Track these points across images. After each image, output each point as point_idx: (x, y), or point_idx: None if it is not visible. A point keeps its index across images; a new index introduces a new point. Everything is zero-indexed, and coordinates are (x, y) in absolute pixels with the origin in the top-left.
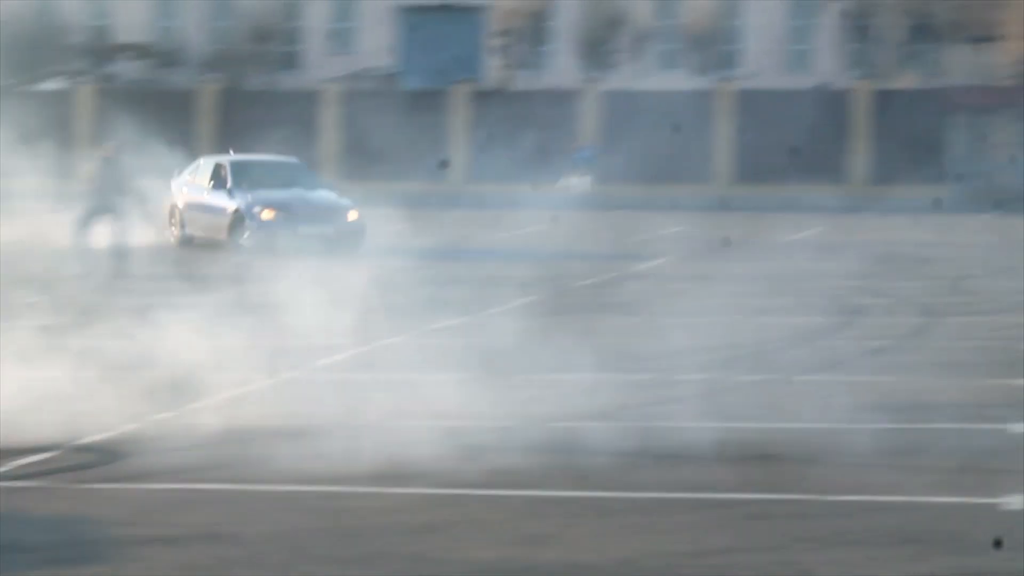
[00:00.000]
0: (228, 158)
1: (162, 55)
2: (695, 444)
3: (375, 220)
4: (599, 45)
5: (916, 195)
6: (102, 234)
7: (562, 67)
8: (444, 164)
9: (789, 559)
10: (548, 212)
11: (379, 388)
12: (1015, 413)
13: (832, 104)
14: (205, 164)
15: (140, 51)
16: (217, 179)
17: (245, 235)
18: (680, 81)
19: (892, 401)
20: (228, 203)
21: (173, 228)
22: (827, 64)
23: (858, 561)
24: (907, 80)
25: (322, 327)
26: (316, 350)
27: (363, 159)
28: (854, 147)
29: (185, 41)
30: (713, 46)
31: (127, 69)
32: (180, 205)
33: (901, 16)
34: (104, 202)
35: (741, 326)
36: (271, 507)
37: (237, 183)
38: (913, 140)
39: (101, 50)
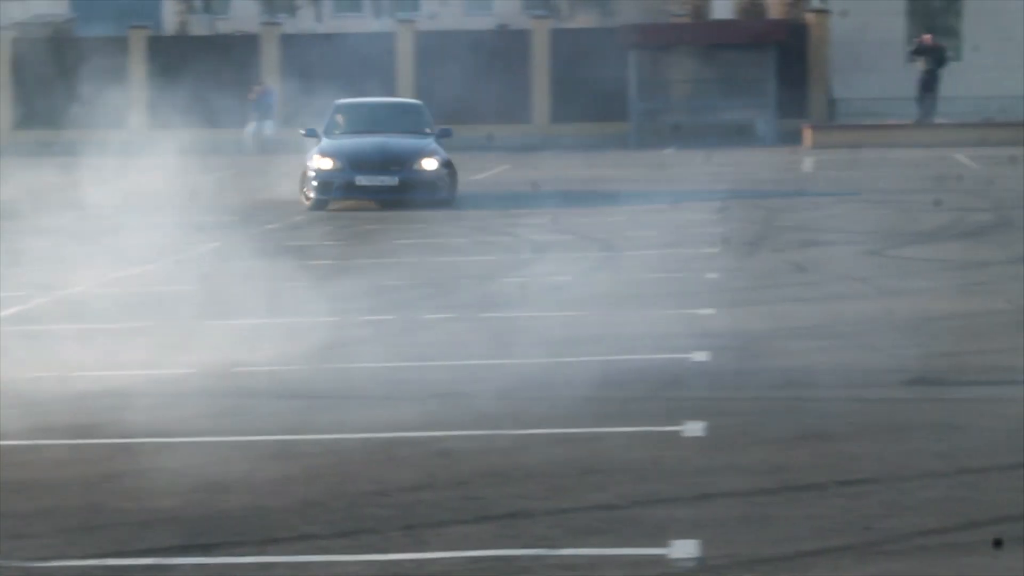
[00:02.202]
0: (337, 101)
1: None
2: (380, 384)
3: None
4: None
5: (598, 132)
6: None
7: (242, 11)
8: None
9: (473, 494)
10: (230, 158)
11: (56, 340)
12: (698, 342)
13: (512, 44)
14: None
15: None
16: (322, 124)
17: (308, 187)
18: (362, 23)
19: (577, 334)
20: (311, 151)
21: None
22: (506, 4)
23: (541, 493)
24: (584, 19)
25: (8, 277)
26: None
27: (36, 108)
28: (535, 86)
29: None
30: None
31: None
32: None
33: None
34: None
35: (425, 266)
36: None
37: (329, 129)
38: (592, 78)
39: None
